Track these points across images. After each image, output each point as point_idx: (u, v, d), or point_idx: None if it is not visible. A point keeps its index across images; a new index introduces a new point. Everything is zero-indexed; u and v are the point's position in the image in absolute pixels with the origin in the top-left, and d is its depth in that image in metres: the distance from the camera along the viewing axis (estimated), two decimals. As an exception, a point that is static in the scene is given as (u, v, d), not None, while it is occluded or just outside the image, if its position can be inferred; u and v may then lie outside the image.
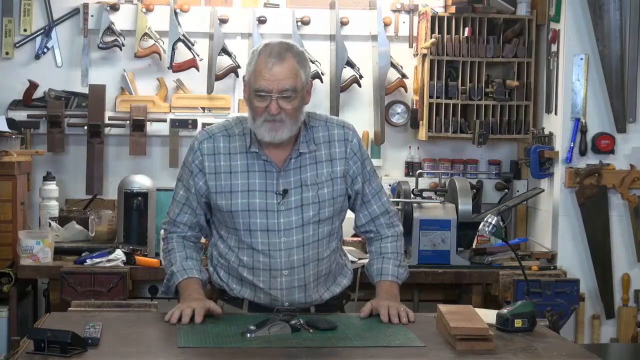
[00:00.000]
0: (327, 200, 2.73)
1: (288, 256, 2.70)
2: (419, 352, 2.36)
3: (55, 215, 4.28)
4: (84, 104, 4.51)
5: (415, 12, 4.60)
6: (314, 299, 2.78)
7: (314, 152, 2.74)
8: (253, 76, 2.64)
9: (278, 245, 2.70)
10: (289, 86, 2.62)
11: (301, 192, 2.71)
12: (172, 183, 4.38)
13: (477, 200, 4.20)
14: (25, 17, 4.50)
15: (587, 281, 4.16)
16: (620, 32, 4.13)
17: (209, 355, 2.30)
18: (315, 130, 2.76)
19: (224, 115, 4.51)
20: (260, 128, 2.65)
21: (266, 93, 2.61)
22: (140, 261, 3.90)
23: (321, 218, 2.73)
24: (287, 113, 2.63)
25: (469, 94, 4.45)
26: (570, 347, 2.49)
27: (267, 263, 2.71)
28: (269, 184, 2.70)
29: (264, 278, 2.72)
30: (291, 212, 2.70)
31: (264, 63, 2.62)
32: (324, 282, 2.80)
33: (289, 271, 2.71)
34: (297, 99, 2.64)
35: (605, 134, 4.18)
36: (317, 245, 2.74)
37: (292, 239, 2.70)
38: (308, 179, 2.72)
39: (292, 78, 2.62)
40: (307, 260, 2.72)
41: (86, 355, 2.24)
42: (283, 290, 2.73)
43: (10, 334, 3.85)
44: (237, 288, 2.78)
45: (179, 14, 4.50)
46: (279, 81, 2.61)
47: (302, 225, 2.70)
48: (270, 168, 2.71)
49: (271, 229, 2.69)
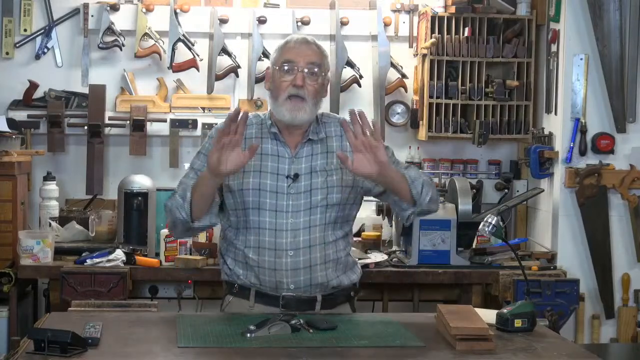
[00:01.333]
0: (335, 186, 2.78)
1: (294, 237, 2.75)
2: (419, 352, 2.36)
3: (56, 215, 4.28)
4: (84, 104, 4.51)
5: (415, 12, 4.60)
6: (320, 282, 2.79)
7: (325, 142, 2.81)
8: (280, 54, 2.76)
9: (285, 226, 2.75)
10: (315, 60, 2.75)
11: (311, 177, 2.78)
12: (172, 183, 4.43)
13: (477, 200, 4.20)
14: (25, 17, 4.50)
15: (587, 281, 4.16)
16: (620, 32, 4.13)
17: (209, 355, 2.31)
18: (327, 125, 2.86)
19: (224, 115, 4.49)
20: (282, 107, 2.73)
21: (293, 64, 2.72)
22: (140, 261, 3.90)
23: (329, 203, 2.78)
24: (309, 91, 2.72)
25: (469, 94, 4.45)
26: (570, 347, 2.49)
27: (272, 242, 2.75)
28: (281, 168, 2.77)
29: (269, 258, 2.76)
30: (300, 196, 2.76)
31: (291, 44, 2.77)
32: (333, 268, 2.82)
33: (294, 252, 2.75)
34: (320, 77, 2.74)
35: (605, 134, 4.18)
36: (323, 229, 2.78)
37: (299, 221, 2.75)
38: (318, 165, 2.79)
39: (317, 56, 2.77)
40: (312, 242, 2.76)
41: (86, 355, 2.25)
42: (288, 271, 2.76)
43: (10, 334, 3.85)
44: (243, 274, 2.81)
45: (179, 14, 4.50)
46: (306, 55, 2.74)
47: (310, 208, 2.76)
48: (283, 153, 2.79)
49: (279, 209, 2.75)
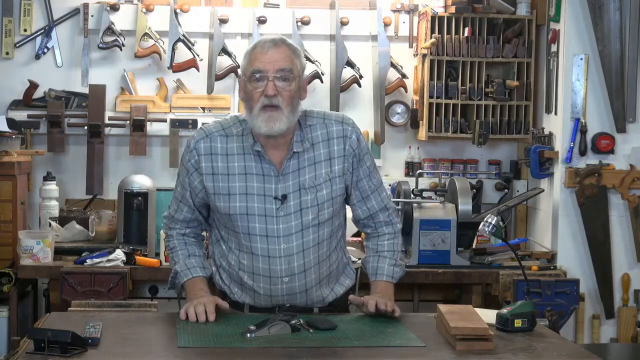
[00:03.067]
0: (325, 202, 2.69)
1: (288, 263, 2.67)
2: (419, 352, 2.36)
3: (55, 215, 4.28)
4: (84, 104, 4.51)
5: (415, 12, 4.60)
6: (316, 302, 2.76)
7: (312, 153, 2.69)
8: (248, 63, 2.62)
9: (278, 252, 2.66)
10: (285, 66, 2.60)
11: (300, 195, 2.66)
12: (172, 183, 4.38)
13: (477, 200, 4.20)
14: (25, 17, 4.50)
15: (587, 281, 4.16)
16: (620, 32, 4.13)
17: (209, 355, 2.30)
18: (312, 128, 2.71)
19: (224, 115, 4.49)
20: (257, 119, 2.60)
21: (263, 74, 2.58)
22: (140, 261, 3.90)
23: (320, 221, 2.69)
24: (284, 98, 2.59)
25: (469, 94, 4.45)
26: (570, 347, 2.49)
27: (266, 270, 2.67)
28: (267, 188, 2.66)
29: (264, 285, 2.69)
30: (290, 217, 2.66)
31: (259, 50, 2.62)
32: (326, 283, 2.78)
33: (290, 278, 2.68)
34: (293, 82, 2.61)
35: (605, 134, 4.18)
36: (317, 249, 2.70)
37: (292, 245, 2.66)
38: (306, 181, 2.67)
39: (287, 60, 2.61)
40: (307, 265, 2.69)
41: (86, 355, 2.24)
42: (284, 296, 2.71)
43: (10, 334, 3.85)
44: (238, 292, 2.76)
45: (179, 14, 4.50)
46: (275, 62, 2.59)
47: (302, 229, 2.67)
48: (269, 172, 2.66)
49: (270, 234, 2.66)
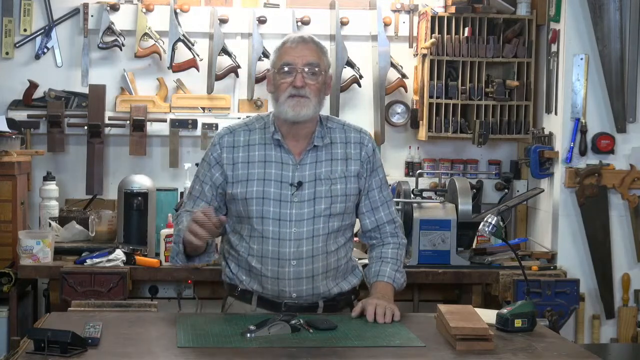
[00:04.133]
0: (339, 195, 2.79)
1: (297, 246, 2.74)
2: (419, 352, 2.36)
3: (55, 215, 4.27)
4: (84, 104, 4.51)
5: (415, 12, 4.60)
6: (322, 291, 2.81)
7: (330, 150, 2.81)
8: (278, 57, 2.77)
9: (288, 235, 2.74)
10: (313, 60, 2.75)
11: (315, 185, 2.77)
12: (172, 183, 4.46)
13: (477, 200, 4.20)
14: (25, 17, 4.50)
15: (587, 281, 4.16)
16: (620, 32, 4.13)
17: (209, 355, 2.30)
18: (332, 130, 2.86)
19: (224, 115, 4.51)
20: (284, 105, 2.73)
21: (292, 66, 2.73)
22: (140, 261, 3.89)
23: (332, 212, 2.78)
24: (311, 90, 2.73)
25: (469, 94, 4.45)
26: (570, 347, 2.49)
27: (276, 252, 2.75)
28: (285, 175, 2.76)
29: (272, 267, 2.75)
30: (304, 205, 2.76)
31: (288, 45, 2.80)
32: (333, 276, 2.83)
33: (297, 262, 2.75)
34: (320, 76, 2.75)
35: (605, 134, 4.18)
36: (326, 239, 2.78)
37: (303, 230, 2.75)
38: (322, 173, 2.78)
39: (315, 56, 2.78)
40: (315, 252, 2.76)
41: (86, 355, 2.25)
42: (291, 281, 2.76)
43: (10, 334, 3.85)
44: (246, 280, 2.81)
45: (179, 14, 4.50)
46: (304, 56, 2.75)
47: (314, 217, 2.76)
48: (287, 160, 2.78)
49: (283, 218, 2.74)
